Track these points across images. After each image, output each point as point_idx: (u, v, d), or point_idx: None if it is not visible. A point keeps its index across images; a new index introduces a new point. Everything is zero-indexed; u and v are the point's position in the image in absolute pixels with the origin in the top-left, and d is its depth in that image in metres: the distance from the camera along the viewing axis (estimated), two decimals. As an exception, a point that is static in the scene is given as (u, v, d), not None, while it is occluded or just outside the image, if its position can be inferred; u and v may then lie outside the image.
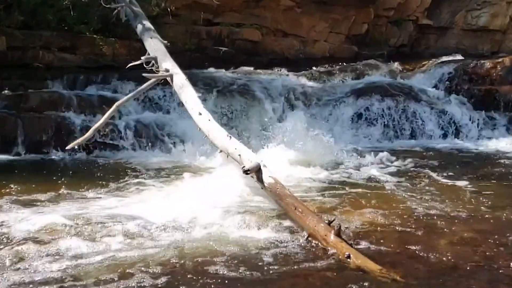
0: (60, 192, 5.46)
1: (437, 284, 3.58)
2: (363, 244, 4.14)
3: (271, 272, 3.69)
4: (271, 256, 3.93)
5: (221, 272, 3.66)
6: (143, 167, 6.61)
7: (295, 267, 3.78)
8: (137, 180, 6.02)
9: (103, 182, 5.84)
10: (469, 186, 5.90)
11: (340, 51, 12.10)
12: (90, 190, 5.57)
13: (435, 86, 9.50)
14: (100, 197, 5.38)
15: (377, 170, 6.56)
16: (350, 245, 3.97)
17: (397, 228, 4.53)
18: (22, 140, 7.18)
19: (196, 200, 5.07)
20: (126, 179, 6.04)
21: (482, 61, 9.71)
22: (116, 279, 3.54)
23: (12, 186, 5.59)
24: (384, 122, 8.75)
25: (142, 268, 3.68)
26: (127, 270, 3.66)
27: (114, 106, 6.50)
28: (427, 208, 5.05)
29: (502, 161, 7.37)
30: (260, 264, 3.80)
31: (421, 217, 4.79)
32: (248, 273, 3.65)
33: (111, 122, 7.23)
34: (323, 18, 11.93)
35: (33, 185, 5.64)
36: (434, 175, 6.38)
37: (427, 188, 5.78)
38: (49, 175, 6.16)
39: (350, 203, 5.18)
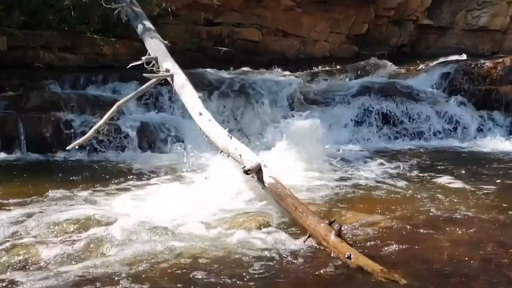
0: (44, 193, 5.31)
1: (438, 285, 3.58)
2: (364, 245, 4.14)
3: (270, 273, 3.69)
4: (271, 256, 3.93)
5: (217, 276, 3.61)
6: (142, 168, 6.58)
7: (295, 267, 3.78)
8: (132, 181, 5.93)
9: (93, 184, 5.71)
10: (469, 186, 5.90)
11: (341, 51, 12.14)
12: (74, 192, 5.41)
13: (435, 86, 9.50)
14: (80, 199, 5.21)
15: (377, 171, 6.56)
16: (351, 245, 3.97)
17: (398, 228, 4.53)
18: (23, 140, 7.18)
19: (190, 201, 5.05)
20: (120, 180, 5.95)
21: (483, 61, 9.70)
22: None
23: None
24: (384, 123, 8.75)
25: (126, 274, 3.62)
26: (111, 279, 3.58)
27: (114, 106, 6.50)
28: (428, 209, 5.05)
29: (502, 161, 7.37)
30: (259, 265, 3.79)
31: (422, 218, 4.79)
32: (246, 275, 3.63)
33: (112, 122, 7.23)
34: (323, 18, 11.96)
35: (20, 186, 5.59)
36: (434, 175, 6.37)
37: (427, 188, 5.78)
38: (40, 176, 6.09)
39: (350, 204, 5.18)
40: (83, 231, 4.36)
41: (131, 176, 6.16)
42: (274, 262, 3.84)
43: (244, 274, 3.64)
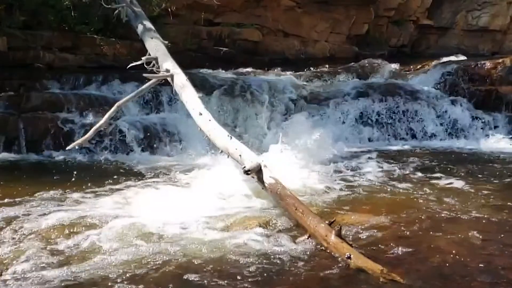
0: (36, 194, 5.24)
1: (438, 285, 3.58)
2: (364, 245, 4.14)
3: (270, 274, 3.68)
4: (270, 257, 3.92)
5: (214, 278, 3.57)
6: (141, 169, 6.54)
7: (295, 268, 3.77)
8: (128, 182, 5.86)
9: (88, 185, 5.63)
10: (469, 186, 5.90)
11: (341, 51, 12.14)
12: (67, 193, 5.35)
13: (436, 87, 9.50)
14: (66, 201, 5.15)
15: (377, 171, 6.56)
16: (351, 245, 3.97)
17: (397, 228, 4.53)
18: (23, 140, 7.18)
19: (188, 202, 5.01)
20: (116, 181, 5.87)
21: (483, 62, 9.70)
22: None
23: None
24: (385, 123, 8.75)
25: (117, 277, 3.56)
26: (100, 283, 3.51)
27: (114, 107, 6.50)
28: (428, 209, 5.05)
29: (502, 161, 7.37)
30: (258, 266, 3.78)
31: (422, 218, 4.79)
32: (244, 276, 3.62)
33: (113, 122, 7.24)
34: (323, 18, 11.96)
35: (14, 187, 5.53)
36: (434, 175, 6.37)
37: (427, 189, 5.78)
38: (36, 177, 6.05)
39: (350, 204, 5.18)
40: (69, 235, 4.25)
41: (128, 178, 6.10)
42: (273, 263, 3.83)
43: (242, 275, 3.63)
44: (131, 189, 5.63)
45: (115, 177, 6.07)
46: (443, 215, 4.90)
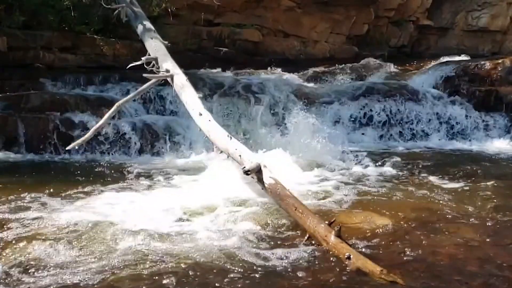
0: (15, 197, 5.14)
1: (437, 286, 3.58)
2: (364, 245, 4.14)
3: (269, 272, 3.69)
4: (269, 256, 3.92)
5: (209, 281, 3.55)
6: (138, 170, 6.49)
7: (294, 268, 3.77)
8: (121, 183, 5.81)
9: (79, 186, 5.57)
10: (469, 187, 5.89)
11: (341, 51, 12.15)
12: (49, 195, 5.25)
13: (435, 87, 9.50)
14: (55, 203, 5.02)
15: (377, 171, 6.55)
16: (351, 246, 3.97)
17: (397, 229, 4.53)
18: (23, 140, 7.19)
19: (186, 203, 4.99)
20: (108, 182, 5.83)
21: (482, 62, 9.69)
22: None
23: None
24: (384, 123, 8.75)
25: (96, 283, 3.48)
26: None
27: (114, 107, 6.50)
28: (427, 210, 5.05)
29: (502, 161, 7.37)
30: (257, 266, 3.78)
31: (422, 219, 4.79)
32: (243, 277, 3.61)
33: (112, 123, 7.24)
34: (323, 18, 11.97)
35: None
36: (433, 176, 6.36)
37: (426, 189, 5.77)
38: (27, 177, 6.00)
39: (349, 205, 5.17)
40: (43, 241, 4.12)
41: (123, 178, 6.06)
42: (272, 263, 3.83)
43: (241, 277, 3.62)
44: (124, 191, 5.58)
45: (108, 178, 6.08)
46: (443, 215, 4.89)
